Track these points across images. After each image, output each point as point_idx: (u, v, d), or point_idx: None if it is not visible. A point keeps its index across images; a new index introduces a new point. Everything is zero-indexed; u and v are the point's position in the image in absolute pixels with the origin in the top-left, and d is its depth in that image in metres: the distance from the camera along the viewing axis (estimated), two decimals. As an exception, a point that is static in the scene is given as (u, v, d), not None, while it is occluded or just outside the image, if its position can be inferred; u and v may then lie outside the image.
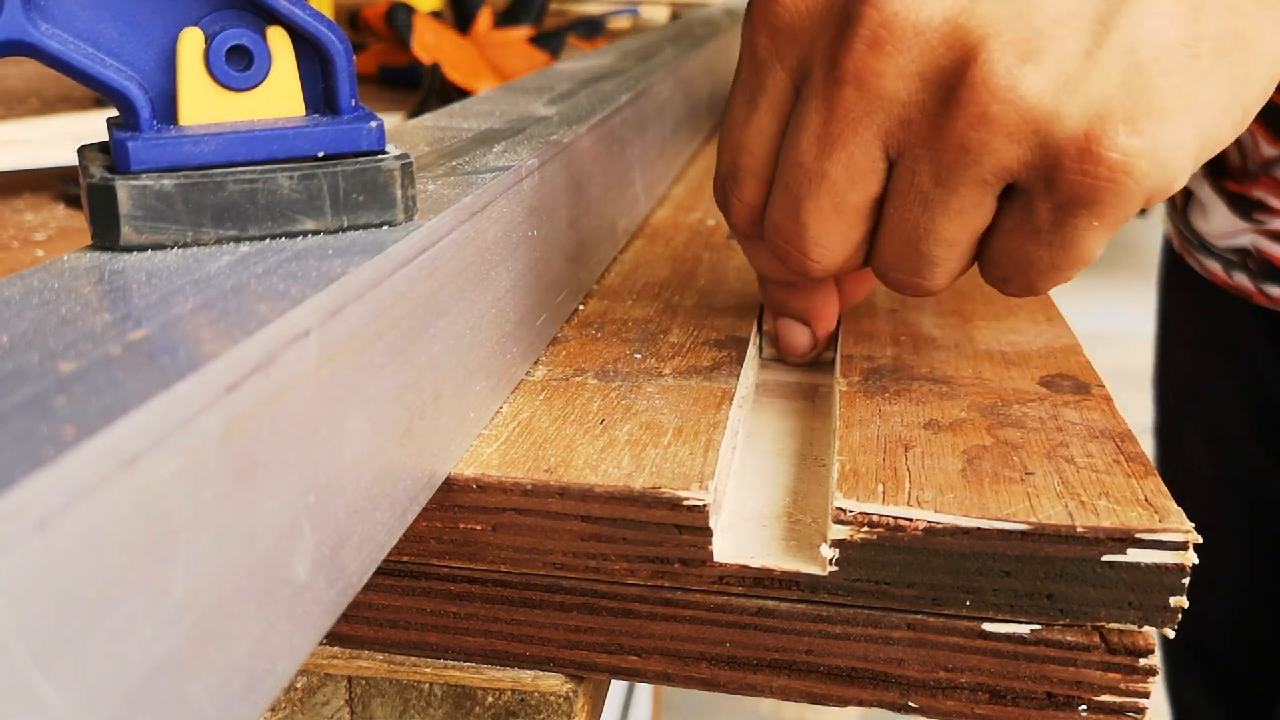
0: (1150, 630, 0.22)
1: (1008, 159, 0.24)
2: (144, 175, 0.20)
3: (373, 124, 0.21)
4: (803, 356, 0.33)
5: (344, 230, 0.21)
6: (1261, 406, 0.62)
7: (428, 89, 0.71)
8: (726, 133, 0.28)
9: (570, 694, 0.25)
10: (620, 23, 1.35)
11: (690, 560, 0.23)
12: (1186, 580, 0.22)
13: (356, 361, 0.18)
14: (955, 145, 0.24)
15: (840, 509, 0.23)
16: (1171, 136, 0.23)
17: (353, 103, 0.22)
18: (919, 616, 0.23)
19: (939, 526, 0.22)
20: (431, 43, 0.77)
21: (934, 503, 0.22)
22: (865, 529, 0.22)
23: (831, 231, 0.27)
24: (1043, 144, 0.23)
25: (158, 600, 0.13)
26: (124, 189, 0.19)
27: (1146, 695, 0.23)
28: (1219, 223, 0.57)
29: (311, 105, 0.22)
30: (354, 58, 0.22)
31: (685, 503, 0.23)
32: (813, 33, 0.26)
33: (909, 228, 0.26)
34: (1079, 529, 0.22)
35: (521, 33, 0.95)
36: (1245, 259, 0.56)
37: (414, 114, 0.67)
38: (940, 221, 0.25)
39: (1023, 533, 0.22)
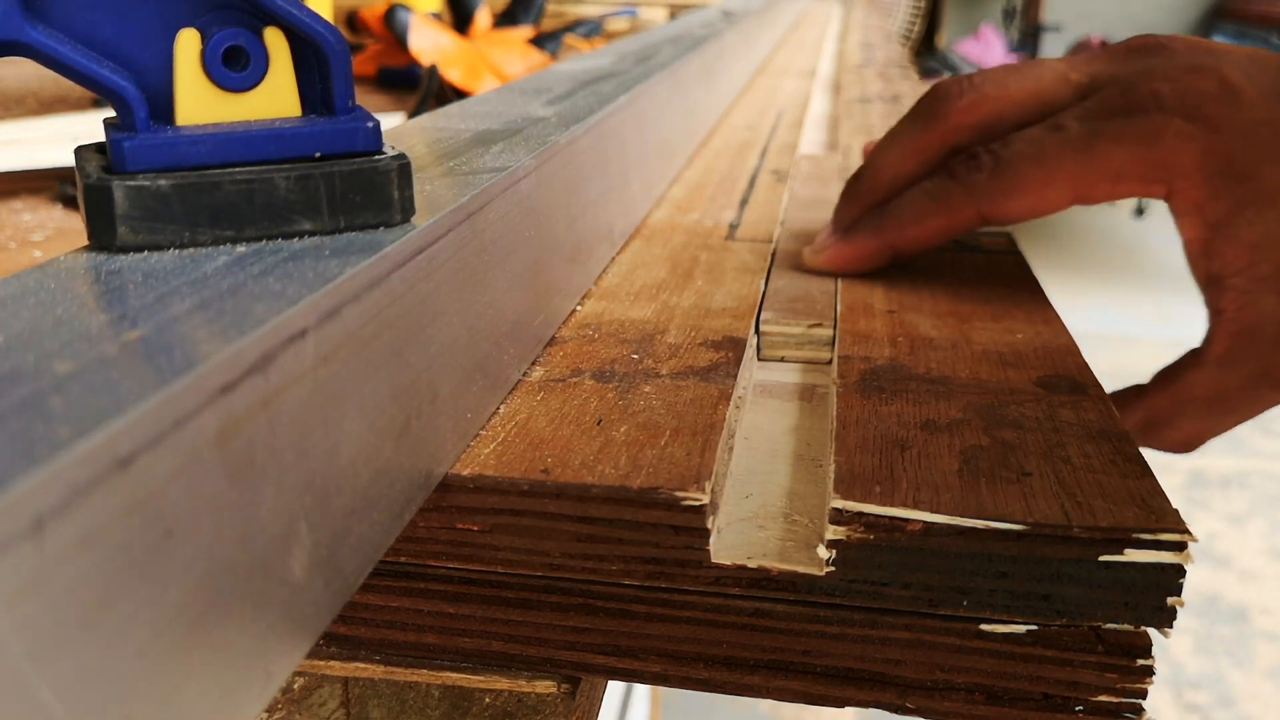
0: (1147, 630, 0.22)
1: None
2: (140, 175, 0.20)
3: (369, 124, 0.22)
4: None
5: (341, 231, 0.21)
6: None
7: (426, 90, 0.71)
8: None
9: (567, 695, 0.25)
10: (619, 24, 1.35)
11: (687, 561, 0.23)
12: (1183, 580, 0.22)
13: (353, 362, 0.18)
14: None
15: (837, 509, 0.23)
16: None
17: (349, 103, 0.22)
18: (916, 617, 0.23)
19: (936, 527, 0.22)
20: (429, 44, 0.77)
21: (931, 503, 0.22)
22: (862, 529, 0.22)
23: None
24: None
25: (153, 601, 0.13)
26: (120, 189, 0.19)
27: (1143, 696, 0.23)
28: None
29: (308, 106, 0.22)
30: (351, 58, 0.22)
31: (682, 503, 0.23)
32: None
33: None
34: (1076, 529, 0.22)
35: (520, 33, 0.95)
36: None
37: (412, 115, 0.67)
38: None
39: (1019, 533, 0.22)
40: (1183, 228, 0.36)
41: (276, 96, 0.21)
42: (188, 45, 0.20)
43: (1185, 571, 0.22)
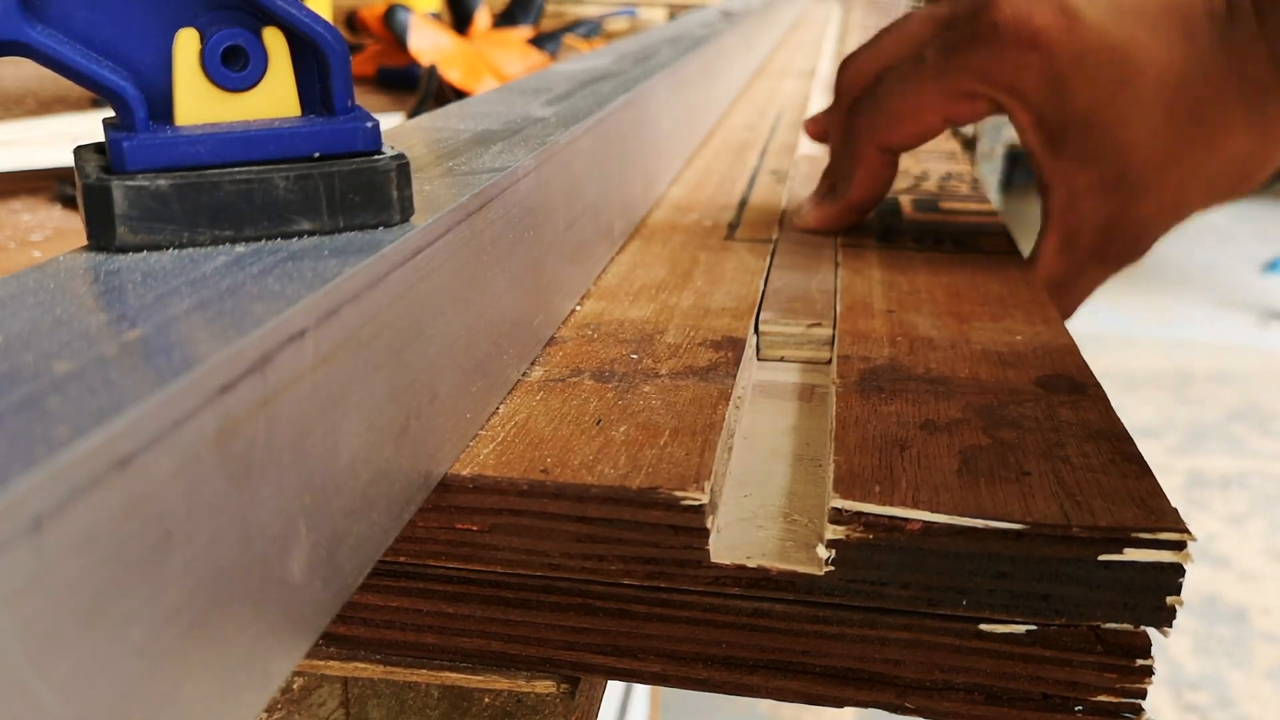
0: (1147, 630, 0.22)
1: None
2: (139, 175, 0.20)
3: (369, 124, 0.21)
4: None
5: (340, 231, 0.21)
6: None
7: (425, 90, 0.71)
8: None
9: (567, 695, 0.25)
10: (618, 24, 1.35)
11: (686, 561, 0.23)
12: (1182, 580, 0.22)
13: (352, 362, 0.18)
14: None
15: (836, 509, 0.23)
16: None
17: (349, 103, 0.22)
18: (915, 617, 0.23)
19: (935, 526, 0.22)
20: (429, 44, 0.77)
21: (930, 503, 0.22)
22: (861, 529, 0.22)
23: None
24: None
25: (153, 601, 0.13)
26: (119, 189, 0.19)
27: (1143, 696, 0.23)
28: None
29: (308, 106, 0.22)
30: (350, 58, 0.22)
31: (682, 503, 0.23)
32: None
33: None
34: (1075, 529, 0.22)
35: (519, 34, 0.95)
36: None
37: (412, 115, 0.67)
38: None
39: (1018, 533, 0.22)
40: (1023, 142, 0.41)
41: (276, 96, 0.21)
42: (187, 45, 0.20)
43: (1184, 571, 0.22)
